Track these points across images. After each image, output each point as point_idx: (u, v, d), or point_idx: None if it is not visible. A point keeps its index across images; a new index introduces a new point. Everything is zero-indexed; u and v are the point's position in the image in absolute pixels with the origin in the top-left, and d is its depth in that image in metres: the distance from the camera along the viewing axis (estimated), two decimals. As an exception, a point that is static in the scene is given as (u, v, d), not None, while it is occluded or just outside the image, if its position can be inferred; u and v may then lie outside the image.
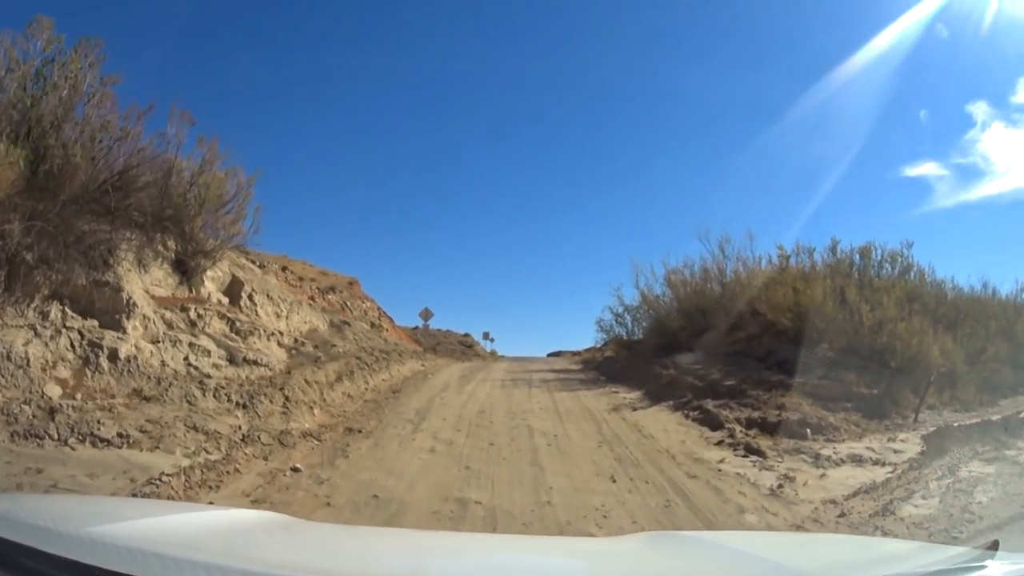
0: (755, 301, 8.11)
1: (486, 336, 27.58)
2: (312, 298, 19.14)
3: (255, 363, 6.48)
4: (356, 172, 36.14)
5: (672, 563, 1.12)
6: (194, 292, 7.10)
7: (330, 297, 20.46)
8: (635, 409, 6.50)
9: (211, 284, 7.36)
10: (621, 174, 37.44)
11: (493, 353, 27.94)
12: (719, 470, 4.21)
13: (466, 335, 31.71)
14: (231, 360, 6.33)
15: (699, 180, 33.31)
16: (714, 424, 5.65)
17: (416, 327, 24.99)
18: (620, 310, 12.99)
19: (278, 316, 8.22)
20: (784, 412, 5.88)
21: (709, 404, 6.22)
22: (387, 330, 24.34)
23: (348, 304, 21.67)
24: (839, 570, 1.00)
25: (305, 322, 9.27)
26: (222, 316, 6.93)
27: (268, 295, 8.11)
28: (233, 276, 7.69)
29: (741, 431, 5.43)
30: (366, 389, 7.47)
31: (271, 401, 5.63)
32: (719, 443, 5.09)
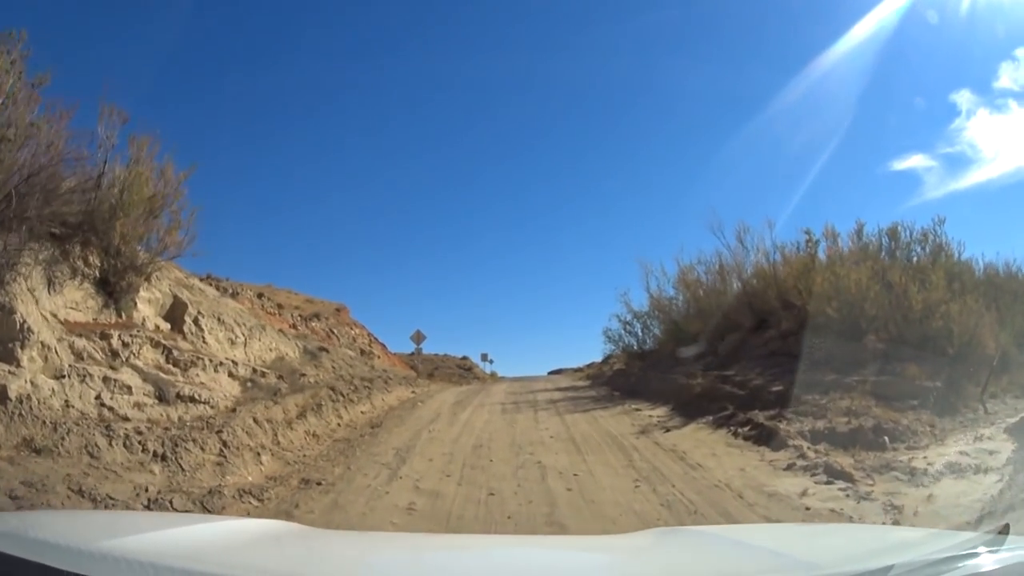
0: (789, 293, 7.04)
1: (484, 358, 26.64)
2: (293, 326, 17.91)
3: (192, 400, 5.20)
4: (349, 201, 36.06)
5: (684, 558, 1.07)
6: (124, 316, 5.87)
7: (314, 324, 19.15)
8: (667, 430, 5.25)
9: (146, 307, 6.14)
10: (613, 193, 37.46)
11: (493, 374, 27.14)
12: (806, 508, 3.07)
13: (464, 358, 30.90)
14: (160, 397, 5.05)
15: (690, 184, 33.11)
16: (774, 442, 4.44)
17: (412, 353, 23.68)
18: (628, 317, 11.80)
19: (232, 343, 6.97)
20: (854, 419, 4.77)
21: (759, 416, 5.02)
22: (378, 356, 23.02)
23: (335, 331, 20.34)
24: (850, 560, 0.93)
25: (270, 349, 8.00)
26: (156, 344, 5.68)
27: (220, 319, 6.88)
28: (175, 298, 6.48)
29: (810, 448, 4.28)
30: (338, 425, 6.17)
31: (203, 448, 4.34)
32: (789, 467, 3.90)
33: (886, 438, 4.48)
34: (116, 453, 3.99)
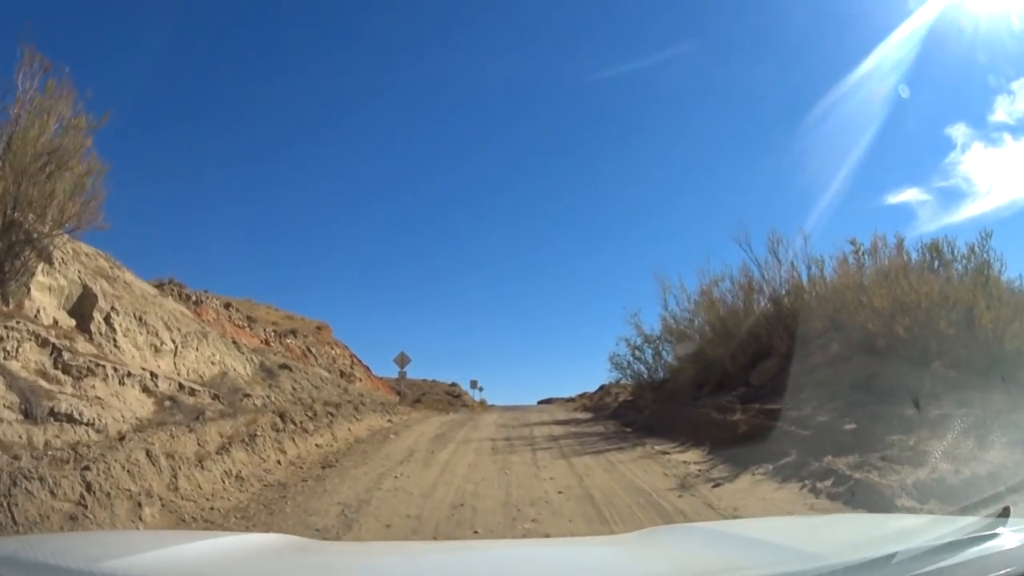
0: (841, 311, 5.91)
1: (474, 385, 25.36)
2: (266, 341, 16.39)
3: (71, 419, 3.82)
4: (346, 223, 35.87)
5: (686, 553, 1.07)
6: (11, 304, 4.53)
7: (289, 341, 17.62)
8: (715, 483, 3.89)
9: (44, 295, 4.81)
10: (607, 224, 37.48)
11: (482, 402, 25.99)
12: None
13: (453, 384, 29.69)
14: (26, 412, 3.69)
15: (691, 205, 32.95)
16: (875, 502, 3.16)
17: (397, 377, 22.08)
18: (638, 341, 10.46)
19: (156, 351, 5.58)
20: (962, 466, 3.58)
21: (839, 464, 3.74)
22: (360, 379, 21.38)
23: (312, 350, 18.77)
24: (851, 549, 0.91)
25: (212, 363, 6.59)
26: (44, 343, 4.32)
27: (141, 319, 5.53)
28: (85, 288, 5.16)
29: (923, 510, 3.03)
30: (278, 463, 4.71)
31: (53, 492, 2.96)
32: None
33: (1002, 487, 3.30)
34: (-82, 494, 2.64)
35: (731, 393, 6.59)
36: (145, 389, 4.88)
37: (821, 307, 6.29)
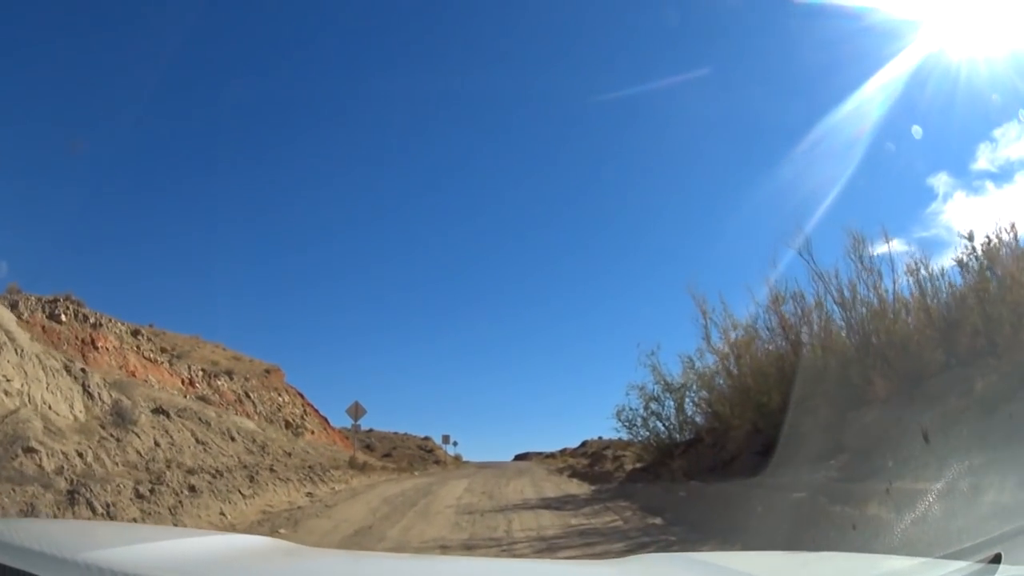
0: (998, 330, 3.91)
1: (446, 440, 22.66)
2: (190, 382, 13.53)
3: None
4: (328, 278, 34.65)
5: None
6: None
7: (220, 383, 14.58)
8: None
9: None
10: (596, 266, 36.79)
11: (457, 458, 23.52)
12: None
13: (426, 439, 27.62)
14: None
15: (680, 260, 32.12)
16: None
17: (352, 428, 18.93)
18: (657, 390, 8.04)
19: None
20: None
21: None
22: (311, 432, 18.13)
23: (252, 395, 15.62)
24: None
25: (5, 392, 4.03)
26: None
27: None
28: None
29: None
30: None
31: None
32: None
33: None
34: None
35: (828, 463, 4.29)
36: None
37: (931, 330, 4.32)
